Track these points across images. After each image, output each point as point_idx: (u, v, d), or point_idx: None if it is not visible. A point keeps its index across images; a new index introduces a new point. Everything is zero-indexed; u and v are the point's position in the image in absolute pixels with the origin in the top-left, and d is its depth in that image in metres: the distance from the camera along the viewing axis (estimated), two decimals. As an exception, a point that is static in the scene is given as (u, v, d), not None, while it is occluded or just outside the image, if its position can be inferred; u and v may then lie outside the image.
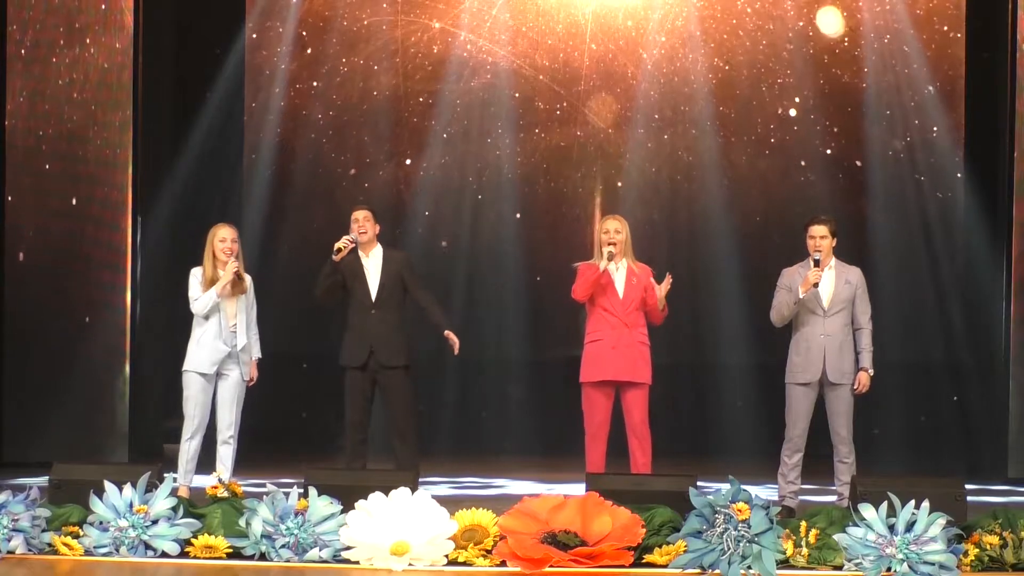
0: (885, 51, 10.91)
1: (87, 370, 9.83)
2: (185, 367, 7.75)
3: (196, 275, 7.70)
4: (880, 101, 10.96)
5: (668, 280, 7.61)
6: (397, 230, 10.86)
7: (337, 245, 7.72)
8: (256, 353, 7.89)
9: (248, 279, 7.82)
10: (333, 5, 11.26)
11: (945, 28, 10.89)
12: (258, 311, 7.97)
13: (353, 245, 7.79)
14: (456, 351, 7.87)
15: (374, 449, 7.97)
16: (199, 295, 7.66)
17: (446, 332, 7.85)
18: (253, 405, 10.53)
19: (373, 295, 7.84)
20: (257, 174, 11.29)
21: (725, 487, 6.06)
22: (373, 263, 7.87)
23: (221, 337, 7.67)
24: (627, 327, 7.62)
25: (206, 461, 7.83)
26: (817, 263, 7.49)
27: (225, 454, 7.70)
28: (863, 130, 11.02)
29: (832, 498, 7.67)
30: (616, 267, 7.66)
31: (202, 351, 7.70)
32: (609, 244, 7.60)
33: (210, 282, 7.65)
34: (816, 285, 7.48)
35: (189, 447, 7.72)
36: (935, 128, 10.87)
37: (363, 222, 7.86)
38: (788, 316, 7.61)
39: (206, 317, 7.68)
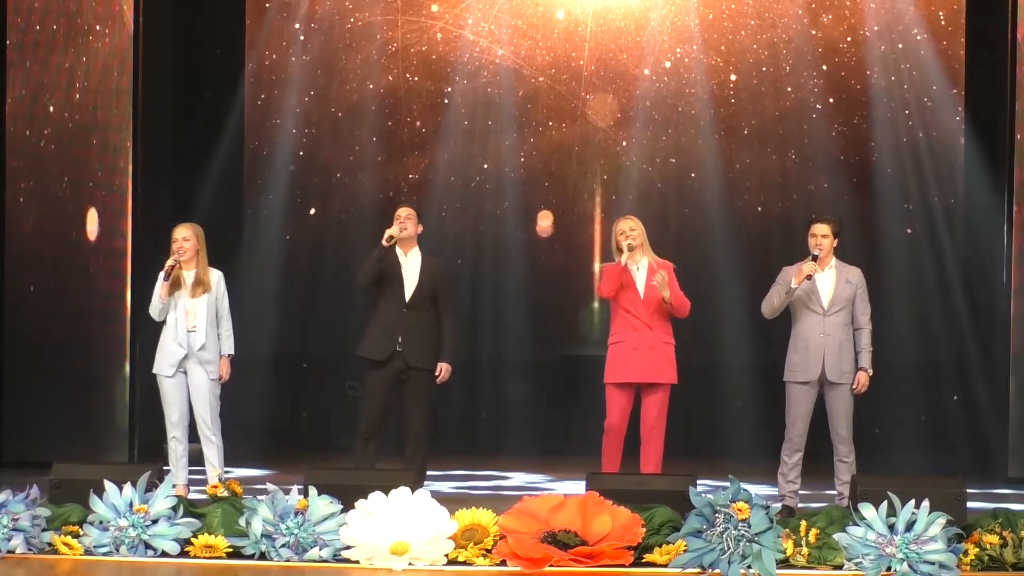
0: (886, 51, 10.91)
1: (87, 370, 9.84)
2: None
3: (159, 279, 7.68)
4: (881, 101, 10.96)
5: (660, 277, 7.58)
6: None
7: (389, 232, 7.66)
8: (227, 349, 7.74)
9: (216, 275, 7.74)
10: (333, 5, 11.26)
11: (945, 28, 10.89)
12: (258, 311, 7.95)
13: (400, 236, 7.75)
14: (440, 380, 7.88)
15: (381, 449, 7.95)
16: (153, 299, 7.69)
17: (440, 363, 7.85)
18: (254, 404, 10.58)
19: (408, 295, 7.79)
20: (257, 174, 11.30)
21: (725, 486, 6.07)
22: (411, 264, 7.82)
23: (177, 339, 7.65)
24: (649, 328, 7.59)
25: (201, 461, 7.83)
26: (815, 258, 7.49)
27: (209, 455, 7.69)
28: (864, 130, 11.03)
29: (832, 498, 7.67)
30: (637, 267, 7.66)
31: (161, 353, 7.71)
32: (626, 240, 7.60)
33: (172, 283, 7.63)
34: (810, 277, 7.48)
35: (174, 448, 7.72)
36: (936, 128, 10.87)
37: (404, 219, 7.82)
38: (778, 307, 7.60)
39: (164, 319, 7.67)
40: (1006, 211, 9.85)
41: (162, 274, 7.60)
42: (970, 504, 6.41)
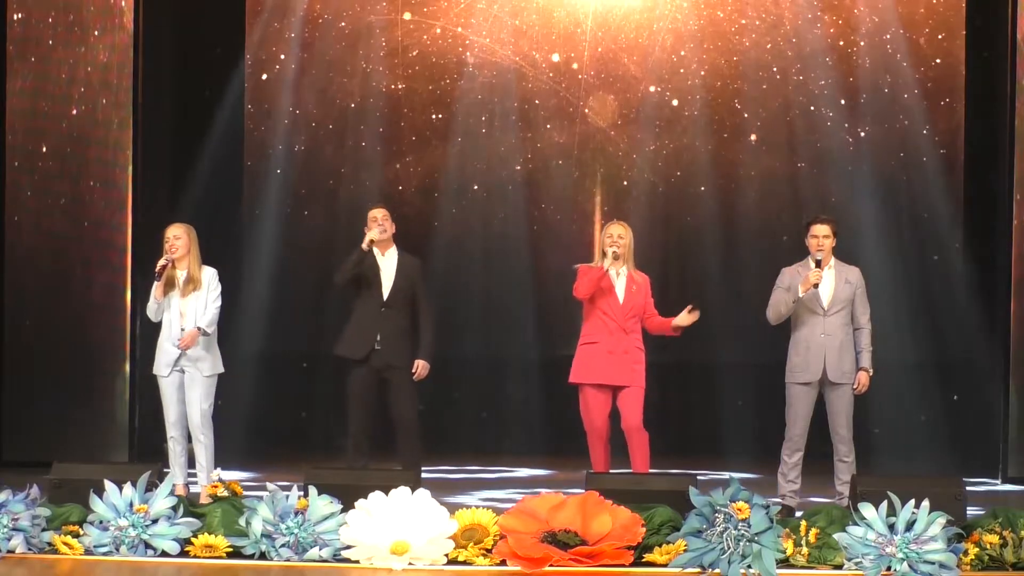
0: (885, 51, 10.91)
1: (87, 370, 9.83)
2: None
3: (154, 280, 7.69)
4: (880, 101, 10.96)
5: (692, 315, 7.64)
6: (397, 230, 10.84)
7: (370, 237, 7.74)
8: (200, 324, 7.59)
9: (208, 272, 7.72)
10: (333, 5, 11.25)
11: (945, 28, 10.88)
12: (257, 310, 7.93)
13: (381, 238, 7.81)
14: (416, 378, 7.90)
15: (375, 447, 7.95)
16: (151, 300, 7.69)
17: (418, 359, 7.88)
18: (254, 405, 10.57)
19: (386, 295, 7.87)
20: (257, 174, 11.29)
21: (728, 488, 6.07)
22: (388, 263, 7.90)
23: (171, 339, 7.65)
24: (625, 333, 7.64)
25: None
26: (818, 263, 7.49)
27: (198, 454, 7.69)
28: (863, 130, 11.02)
29: (832, 498, 7.67)
30: (617, 273, 7.68)
31: (158, 353, 7.73)
32: (612, 246, 7.63)
33: (165, 283, 7.63)
34: (816, 285, 7.49)
35: (172, 448, 7.73)
36: (936, 128, 10.87)
37: (382, 220, 7.88)
38: (785, 314, 7.61)
39: (160, 319, 7.68)
40: (1006, 211, 9.84)
41: (155, 274, 7.61)
42: (970, 504, 6.41)
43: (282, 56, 11.26)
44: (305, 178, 11.32)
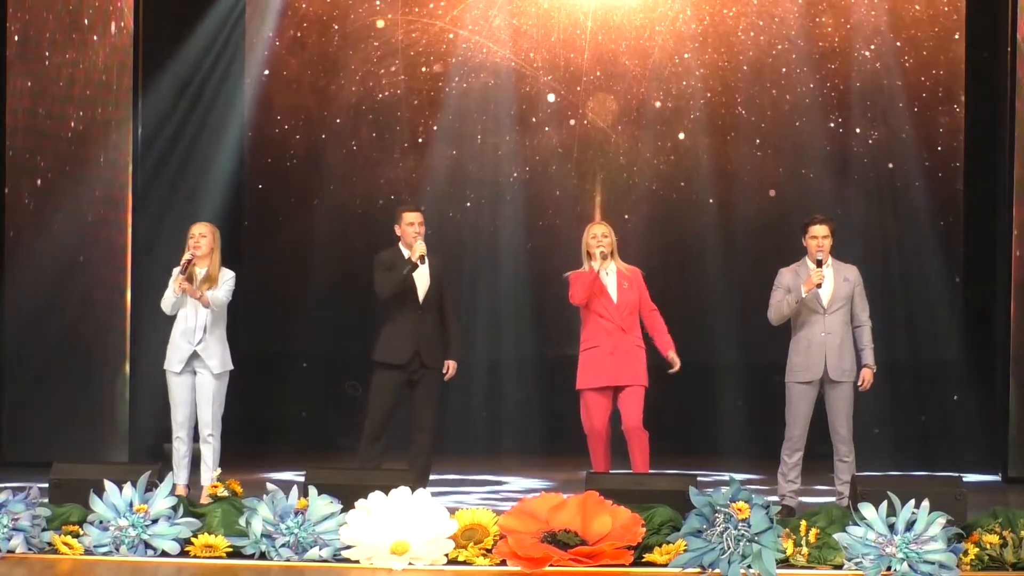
0: (884, 51, 10.91)
1: (87, 370, 9.83)
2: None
3: (173, 274, 7.70)
4: (879, 101, 10.96)
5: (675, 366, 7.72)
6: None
7: (421, 252, 7.68)
8: (211, 295, 7.66)
9: (227, 274, 7.75)
10: (333, 4, 11.26)
11: (944, 28, 10.89)
12: (257, 310, 7.92)
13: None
14: (447, 378, 7.92)
15: (386, 450, 7.93)
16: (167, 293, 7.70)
17: (449, 360, 7.89)
18: (255, 404, 10.58)
19: (421, 297, 7.82)
20: (256, 173, 11.29)
21: (725, 488, 6.07)
22: (421, 267, 7.82)
23: (186, 336, 7.67)
24: (623, 331, 7.63)
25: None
26: (819, 263, 7.50)
27: (205, 453, 7.70)
28: (862, 130, 11.02)
29: (832, 498, 7.68)
30: (606, 272, 7.67)
31: (171, 349, 7.74)
32: (599, 247, 7.62)
33: (187, 279, 7.65)
34: (819, 285, 7.49)
35: (177, 448, 7.73)
36: (935, 128, 10.87)
37: (419, 226, 7.83)
38: (787, 315, 7.62)
39: (175, 314, 7.69)
40: (1006, 211, 9.84)
41: (178, 268, 7.63)
42: (970, 504, 6.41)
43: (282, 55, 11.26)
44: (305, 177, 11.32)
